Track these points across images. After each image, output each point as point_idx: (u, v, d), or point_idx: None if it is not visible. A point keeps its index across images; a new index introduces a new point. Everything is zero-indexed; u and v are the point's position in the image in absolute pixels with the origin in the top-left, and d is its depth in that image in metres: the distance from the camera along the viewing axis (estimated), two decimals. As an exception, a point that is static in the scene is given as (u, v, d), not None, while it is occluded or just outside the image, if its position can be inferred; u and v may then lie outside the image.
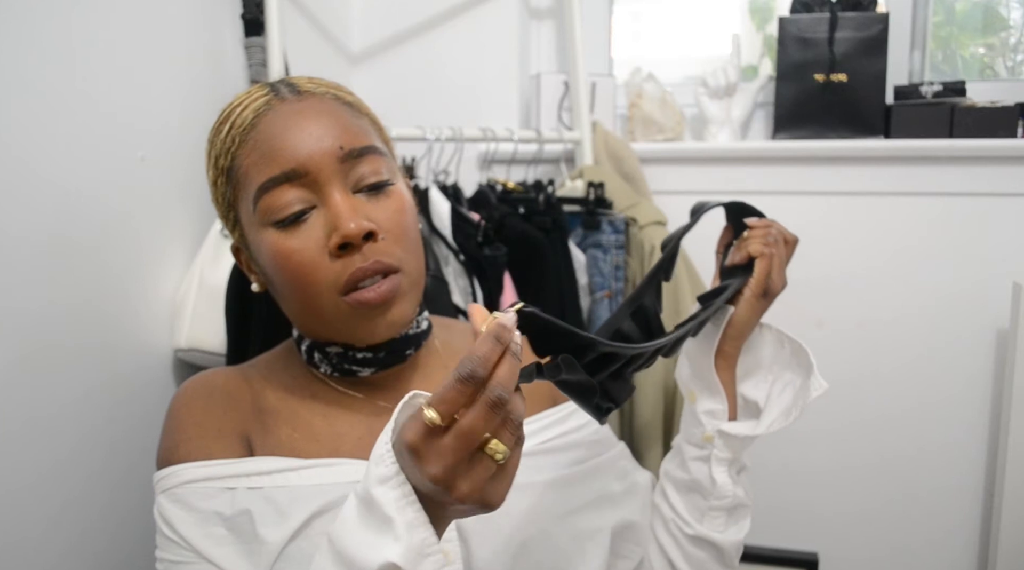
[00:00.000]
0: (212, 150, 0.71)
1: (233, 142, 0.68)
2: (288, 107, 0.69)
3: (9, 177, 0.91)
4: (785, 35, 1.62)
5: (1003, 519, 1.49)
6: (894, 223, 1.62)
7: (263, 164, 0.67)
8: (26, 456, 0.94)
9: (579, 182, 1.58)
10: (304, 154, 0.66)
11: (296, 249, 0.66)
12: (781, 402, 0.82)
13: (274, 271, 0.68)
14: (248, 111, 0.69)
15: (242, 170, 0.68)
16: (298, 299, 0.69)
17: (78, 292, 1.02)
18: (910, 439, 1.65)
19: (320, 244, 0.67)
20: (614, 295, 1.52)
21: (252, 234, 0.69)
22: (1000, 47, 1.79)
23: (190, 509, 0.67)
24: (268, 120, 0.68)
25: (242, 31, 1.40)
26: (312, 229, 0.67)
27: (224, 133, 0.70)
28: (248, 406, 0.74)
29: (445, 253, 1.32)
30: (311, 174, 0.66)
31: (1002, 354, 1.57)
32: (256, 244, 0.69)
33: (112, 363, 1.08)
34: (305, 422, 0.73)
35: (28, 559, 0.95)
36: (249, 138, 0.68)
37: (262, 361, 0.81)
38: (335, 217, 0.66)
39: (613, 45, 1.89)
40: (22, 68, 0.93)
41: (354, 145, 0.68)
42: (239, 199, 0.69)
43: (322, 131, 0.68)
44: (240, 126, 0.68)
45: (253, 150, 0.67)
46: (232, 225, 0.73)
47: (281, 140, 0.67)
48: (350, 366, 0.74)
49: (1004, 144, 1.51)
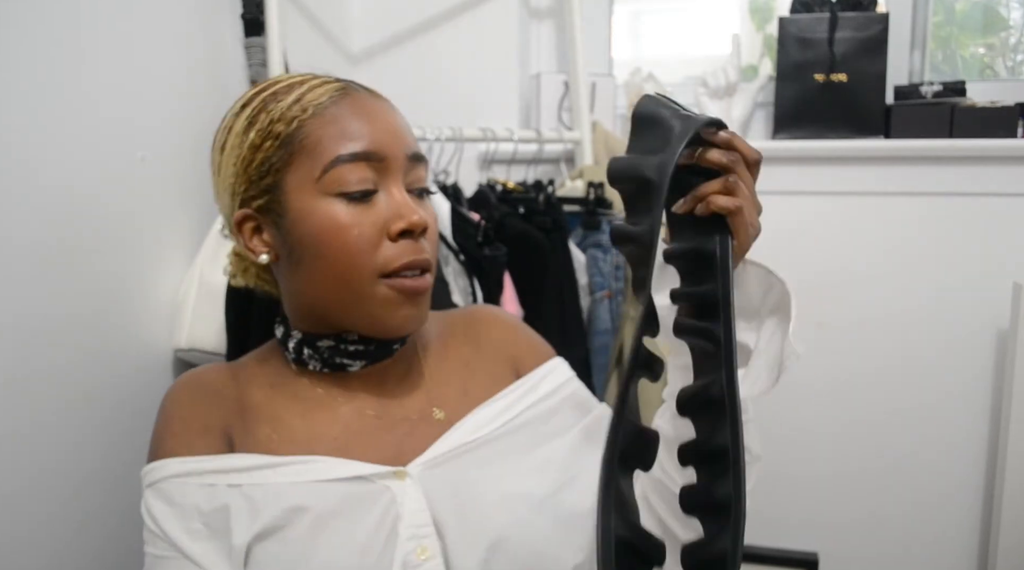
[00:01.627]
0: (262, 115, 0.71)
1: (303, 111, 0.70)
2: (364, 98, 0.73)
3: (9, 177, 0.91)
4: (785, 35, 1.62)
5: (1003, 519, 1.49)
6: (894, 223, 1.62)
7: (343, 138, 0.69)
8: (26, 456, 0.94)
9: (579, 182, 1.58)
10: (385, 141, 0.70)
11: (358, 223, 0.69)
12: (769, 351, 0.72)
13: (321, 240, 0.69)
14: (321, 91, 0.72)
15: (312, 138, 0.69)
16: (335, 274, 0.70)
17: (78, 292, 1.02)
18: (910, 439, 1.65)
19: (379, 226, 0.69)
20: (614, 295, 1.52)
21: (303, 200, 0.70)
22: (1000, 47, 1.79)
23: (172, 503, 0.69)
24: (349, 102, 0.71)
25: (242, 31, 1.40)
26: (375, 210, 0.70)
27: (290, 101, 0.71)
28: (233, 403, 0.75)
29: (445, 253, 1.32)
30: (386, 161, 0.70)
31: (1002, 354, 1.57)
32: (307, 211, 0.70)
33: (112, 363, 1.08)
34: (285, 422, 0.74)
35: (28, 559, 0.95)
36: (327, 112, 0.70)
37: (252, 357, 0.82)
38: (401, 205, 0.70)
39: (613, 45, 1.89)
40: (22, 69, 0.93)
41: (417, 150, 0.74)
42: (294, 165, 0.70)
43: (399, 128, 0.73)
44: (315, 100, 0.71)
45: (331, 124, 0.70)
46: (261, 191, 0.72)
47: (365, 121, 0.70)
48: (341, 359, 0.75)
49: (1004, 144, 1.51)
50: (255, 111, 0.72)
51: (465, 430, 0.75)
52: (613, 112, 1.76)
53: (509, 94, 1.78)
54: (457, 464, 0.72)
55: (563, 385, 0.84)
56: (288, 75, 0.75)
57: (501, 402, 0.79)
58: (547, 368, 0.85)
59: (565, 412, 0.82)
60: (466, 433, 0.74)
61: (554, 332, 1.40)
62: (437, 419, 0.76)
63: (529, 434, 0.77)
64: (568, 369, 0.88)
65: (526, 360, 0.85)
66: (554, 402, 0.82)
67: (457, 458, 0.73)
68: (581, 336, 1.46)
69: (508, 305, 1.35)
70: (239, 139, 0.72)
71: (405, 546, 0.66)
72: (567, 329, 1.42)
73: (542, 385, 0.83)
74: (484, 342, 0.85)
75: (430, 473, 0.71)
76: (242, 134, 0.72)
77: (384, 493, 0.69)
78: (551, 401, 0.82)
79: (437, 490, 0.70)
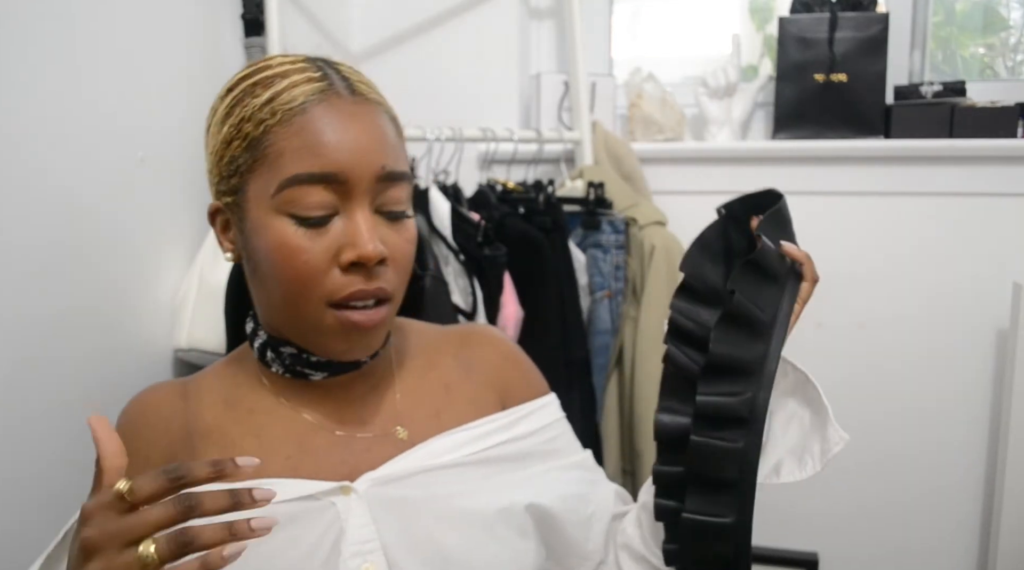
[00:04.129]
0: (238, 109, 0.67)
1: (272, 116, 0.65)
2: (342, 105, 0.66)
3: (10, 177, 0.91)
4: (785, 35, 1.62)
5: (1003, 519, 1.49)
6: (894, 223, 1.62)
7: (304, 155, 0.64)
8: (26, 455, 0.94)
9: (579, 182, 1.58)
10: (347, 162, 0.64)
11: (306, 249, 0.64)
12: (787, 440, 0.74)
13: (271, 259, 0.66)
14: (297, 92, 0.65)
15: (275, 149, 0.64)
16: (283, 294, 0.67)
17: (78, 292, 1.02)
18: (910, 439, 1.65)
19: (331, 252, 0.65)
20: (614, 295, 1.52)
21: (259, 213, 0.66)
22: (1000, 47, 1.79)
23: None
24: (320, 111, 0.65)
25: (242, 31, 1.40)
26: (327, 236, 0.65)
27: (262, 101, 0.65)
28: (178, 430, 0.72)
29: (445, 253, 1.32)
30: (348, 183, 0.64)
31: (1002, 354, 1.57)
32: (260, 225, 0.66)
33: (112, 363, 1.08)
34: (235, 445, 0.71)
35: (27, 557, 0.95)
36: (293, 121, 0.64)
37: (213, 369, 0.79)
38: (356, 234, 0.65)
39: (613, 45, 1.89)
40: (22, 69, 0.93)
41: (394, 167, 0.67)
42: (256, 173, 0.66)
43: (372, 144, 0.66)
44: (286, 104, 0.65)
45: (296, 136, 0.64)
46: (228, 190, 0.68)
47: (328, 138, 0.64)
48: (302, 368, 0.72)
49: (1004, 144, 1.51)
50: (234, 101, 0.68)
51: (425, 453, 0.71)
52: (613, 112, 1.76)
53: (509, 94, 1.78)
54: (407, 484, 0.69)
55: (549, 426, 0.79)
56: (282, 59, 0.69)
57: (473, 431, 0.74)
58: (536, 404, 0.80)
59: (541, 457, 0.77)
60: (426, 456, 0.71)
61: (554, 332, 1.40)
62: (400, 438, 0.73)
63: (494, 470, 0.73)
64: (558, 410, 0.83)
65: (516, 391, 0.80)
66: (535, 442, 0.77)
67: (410, 478, 0.69)
68: (581, 336, 1.46)
69: (508, 305, 1.35)
70: (217, 127, 0.69)
71: (348, 563, 0.64)
72: (567, 329, 1.42)
73: (527, 421, 0.78)
74: (474, 365, 0.80)
75: (379, 490, 0.68)
76: (220, 123, 0.68)
77: (328, 510, 0.66)
78: (530, 441, 0.77)
79: (384, 507, 0.67)
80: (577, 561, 0.78)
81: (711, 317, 0.71)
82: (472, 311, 1.29)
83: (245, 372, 0.76)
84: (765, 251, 0.69)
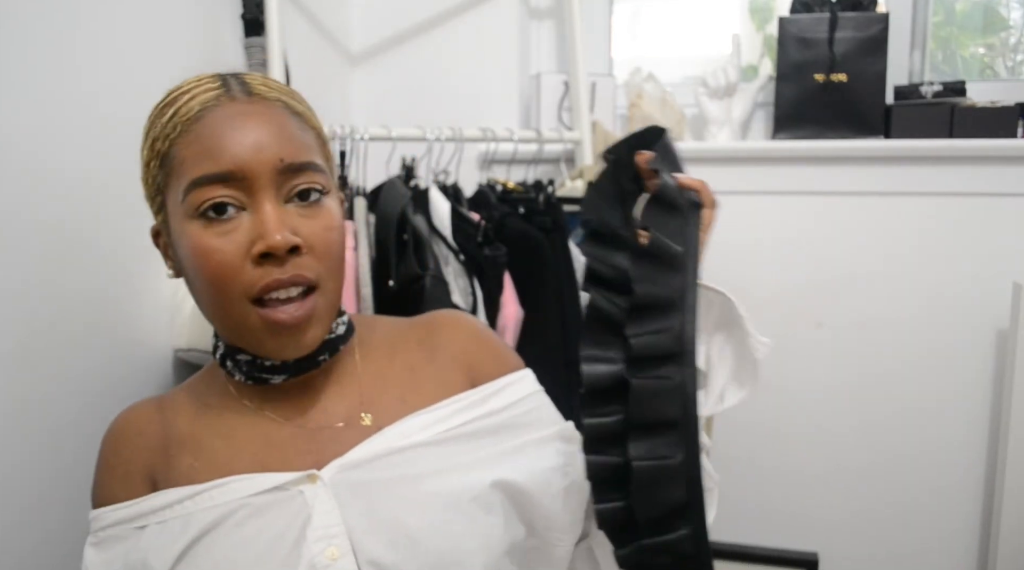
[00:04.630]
0: (151, 131, 0.70)
1: (174, 130, 0.68)
2: (236, 107, 0.68)
3: (10, 176, 0.91)
4: (785, 35, 1.62)
5: (1003, 519, 1.49)
6: (894, 223, 1.62)
7: (202, 159, 0.66)
8: (26, 455, 0.94)
9: (579, 182, 1.58)
10: (243, 158, 0.66)
11: (217, 248, 0.66)
12: (724, 366, 0.77)
13: (191, 264, 0.68)
14: (195, 102, 0.68)
15: (178, 159, 0.67)
16: (210, 298, 0.68)
17: (78, 291, 1.02)
18: (910, 439, 1.65)
19: (243, 248, 0.66)
20: (614, 295, 1.52)
21: (176, 223, 0.68)
22: (1000, 47, 1.79)
23: (103, 553, 0.72)
24: (214, 116, 0.67)
25: (242, 31, 1.40)
26: (237, 232, 0.66)
27: (167, 118, 0.69)
28: (155, 441, 0.75)
29: (445, 253, 1.32)
30: (247, 179, 0.66)
31: (1002, 354, 1.57)
32: (178, 234, 0.68)
33: (112, 363, 1.08)
34: (207, 448, 0.73)
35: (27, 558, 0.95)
36: (192, 129, 0.67)
37: (188, 383, 0.81)
38: (262, 225, 0.65)
39: (613, 45, 1.90)
40: (23, 67, 0.93)
41: (294, 159, 0.68)
42: (169, 186, 0.69)
43: (266, 139, 0.67)
44: (184, 115, 0.68)
45: (194, 142, 0.67)
46: (157, 209, 0.72)
47: (223, 139, 0.66)
48: (260, 374, 0.74)
49: (1004, 144, 1.51)
50: (149, 125, 0.71)
51: (390, 436, 0.71)
52: (613, 112, 1.76)
53: (509, 94, 1.78)
54: (374, 467, 0.70)
55: (524, 399, 0.79)
56: (193, 79, 0.72)
57: (442, 411, 0.74)
58: (508, 379, 0.80)
59: (516, 430, 0.76)
60: (391, 439, 0.71)
61: (554, 332, 1.40)
62: (364, 425, 0.73)
63: (464, 448, 0.73)
64: (534, 383, 0.82)
65: (485, 369, 0.80)
66: (508, 416, 0.77)
67: (376, 461, 0.70)
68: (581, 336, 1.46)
69: (508, 305, 1.35)
70: (141, 155, 0.72)
71: (312, 548, 0.65)
72: (567, 329, 1.42)
73: (498, 397, 0.77)
74: (440, 348, 0.80)
75: (344, 475, 0.69)
76: (142, 150, 0.72)
77: (296, 498, 0.68)
78: (503, 416, 0.76)
79: (348, 492, 0.68)
80: (558, 535, 0.78)
81: (622, 260, 0.72)
82: (472, 311, 1.29)
83: (215, 382, 0.78)
84: (665, 185, 0.70)
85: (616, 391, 0.69)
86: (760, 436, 1.70)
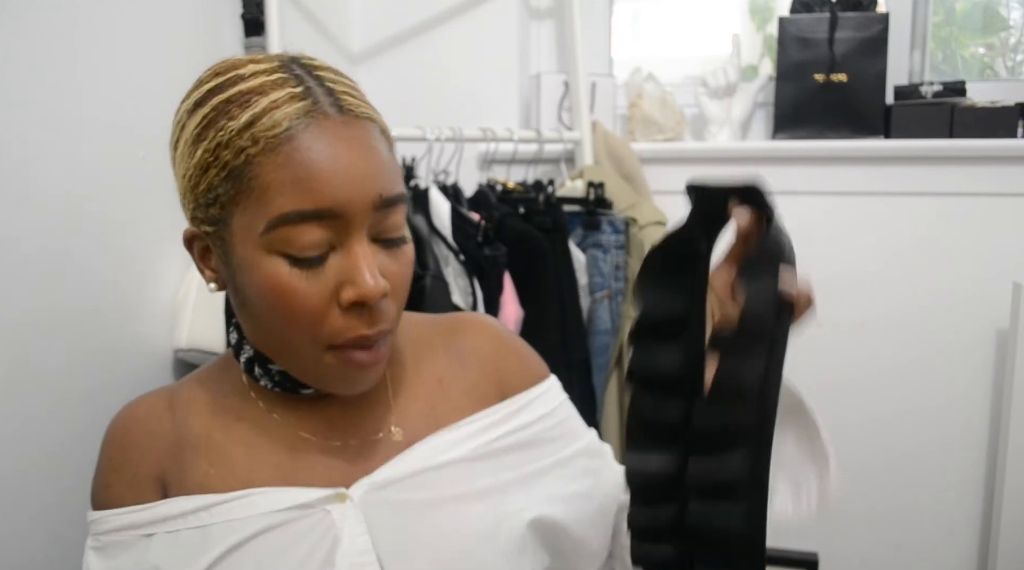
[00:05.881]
0: (211, 132, 0.60)
1: (255, 144, 0.58)
2: (332, 128, 0.59)
3: (10, 177, 0.91)
4: (785, 35, 1.62)
5: (1003, 519, 1.49)
6: (894, 223, 1.62)
7: (295, 191, 0.58)
8: (27, 455, 0.94)
9: (579, 182, 1.58)
10: (345, 196, 0.58)
11: (302, 292, 0.59)
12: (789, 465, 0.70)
13: (264, 300, 0.61)
14: (280, 115, 0.58)
15: (260, 182, 0.58)
16: (279, 337, 0.63)
17: (78, 292, 1.02)
18: (910, 439, 1.65)
19: (329, 292, 0.60)
20: (614, 295, 1.52)
21: (247, 250, 0.60)
22: (1000, 47, 1.79)
23: (107, 560, 0.67)
24: (309, 138, 0.58)
25: (242, 31, 1.40)
26: (325, 275, 0.60)
27: (240, 125, 0.58)
28: (166, 442, 0.69)
29: (445, 253, 1.32)
30: (344, 218, 0.59)
31: (1002, 354, 1.57)
32: (249, 263, 0.60)
33: (112, 363, 1.08)
34: (224, 454, 0.68)
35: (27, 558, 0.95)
36: (281, 150, 0.58)
37: (198, 376, 0.75)
38: (355, 270, 0.59)
39: (613, 45, 1.89)
40: (23, 68, 0.93)
41: (390, 192, 0.61)
42: (240, 206, 0.60)
43: (366, 171, 0.60)
44: (269, 130, 0.58)
45: (284, 167, 0.58)
46: (208, 219, 0.62)
47: (323, 171, 0.58)
48: (293, 384, 0.69)
49: (1004, 144, 1.51)
50: (206, 121, 0.61)
51: (422, 453, 0.68)
52: (613, 112, 1.76)
53: (509, 94, 1.78)
54: (406, 486, 0.66)
55: (553, 411, 0.76)
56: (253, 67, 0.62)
57: (473, 425, 0.71)
58: (537, 391, 0.76)
59: (545, 445, 0.73)
60: (423, 456, 0.67)
61: (554, 332, 1.40)
62: (395, 440, 0.69)
63: (497, 465, 0.70)
64: (560, 392, 0.79)
65: (513, 378, 0.76)
66: (538, 430, 0.74)
67: (407, 480, 0.66)
68: (581, 336, 1.46)
69: (508, 305, 1.35)
70: (189, 148, 0.62)
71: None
72: (567, 329, 1.42)
73: (528, 410, 0.74)
74: (467, 356, 0.76)
75: (375, 495, 0.65)
76: (191, 145, 0.62)
77: (324, 518, 0.64)
78: (533, 430, 0.73)
79: (380, 514, 0.64)
80: (587, 561, 0.77)
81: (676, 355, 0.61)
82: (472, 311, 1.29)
83: (231, 380, 0.72)
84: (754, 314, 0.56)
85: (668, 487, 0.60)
86: (760, 436, 1.70)
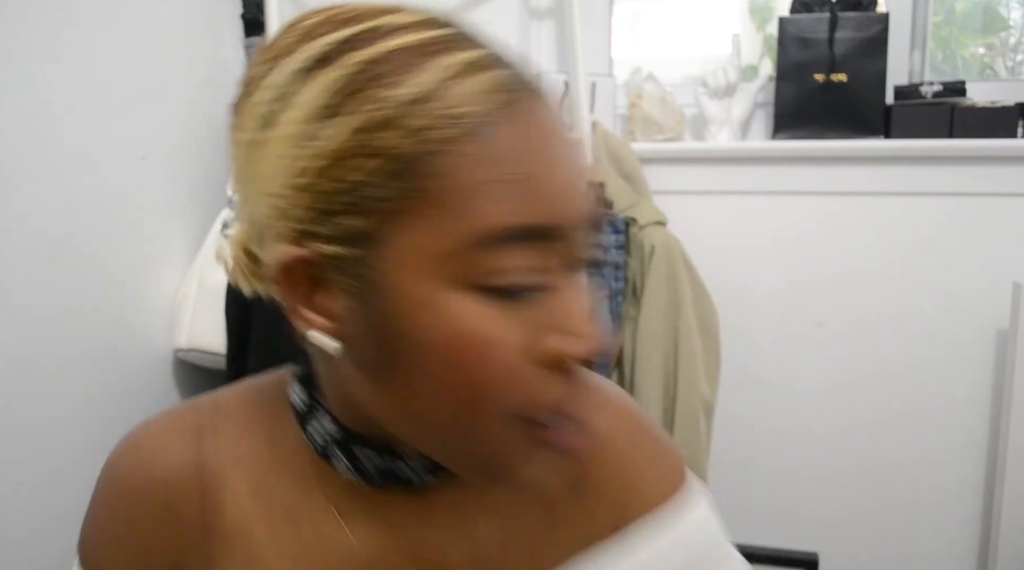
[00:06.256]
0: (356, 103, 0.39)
1: (453, 124, 0.39)
2: (543, 117, 0.43)
3: (10, 177, 0.91)
4: (785, 35, 1.62)
5: (1003, 518, 1.49)
6: (894, 223, 1.62)
7: (511, 197, 0.40)
8: (27, 455, 0.94)
9: (579, 182, 1.58)
10: (573, 208, 0.42)
11: (500, 340, 0.40)
12: None
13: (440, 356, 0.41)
14: (477, 88, 0.40)
15: (455, 182, 0.39)
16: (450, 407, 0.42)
17: (79, 292, 1.02)
18: (910, 440, 1.65)
19: (526, 342, 0.41)
20: (614, 295, 1.52)
21: (414, 284, 0.40)
22: (1000, 47, 1.79)
23: None
24: (523, 127, 0.41)
25: (242, 31, 1.40)
26: (529, 316, 0.41)
27: (410, 96, 0.39)
28: (192, 523, 0.51)
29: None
30: (564, 241, 0.42)
31: (1002, 354, 1.57)
32: (418, 303, 0.40)
33: (113, 363, 1.08)
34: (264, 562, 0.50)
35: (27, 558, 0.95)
36: (486, 137, 0.40)
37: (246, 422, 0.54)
38: (574, 316, 0.42)
39: (613, 45, 1.89)
40: (23, 68, 0.93)
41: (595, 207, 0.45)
42: (413, 217, 0.40)
43: (578, 172, 0.43)
44: (457, 107, 0.39)
45: (495, 162, 0.40)
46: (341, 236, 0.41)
47: (545, 171, 0.41)
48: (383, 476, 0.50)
49: (1004, 144, 1.51)
50: (345, 83, 0.40)
51: None
52: (613, 112, 1.76)
53: (509, 94, 1.78)
54: None
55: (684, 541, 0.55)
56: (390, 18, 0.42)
57: None
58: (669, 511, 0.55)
59: None
60: None
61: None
62: None
63: None
64: (705, 508, 0.57)
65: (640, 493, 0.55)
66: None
67: None
68: (581, 336, 1.46)
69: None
70: (308, 128, 0.40)
71: None
72: (567, 329, 1.42)
73: (648, 545, 0.54)
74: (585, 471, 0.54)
75: None
76: (316, 121, 0.40)
77: None
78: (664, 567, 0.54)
79: None
80: None
81: None
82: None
83: (282, 443, 0.52)
84: None
85: None
86: (760, 436, 1.70)
